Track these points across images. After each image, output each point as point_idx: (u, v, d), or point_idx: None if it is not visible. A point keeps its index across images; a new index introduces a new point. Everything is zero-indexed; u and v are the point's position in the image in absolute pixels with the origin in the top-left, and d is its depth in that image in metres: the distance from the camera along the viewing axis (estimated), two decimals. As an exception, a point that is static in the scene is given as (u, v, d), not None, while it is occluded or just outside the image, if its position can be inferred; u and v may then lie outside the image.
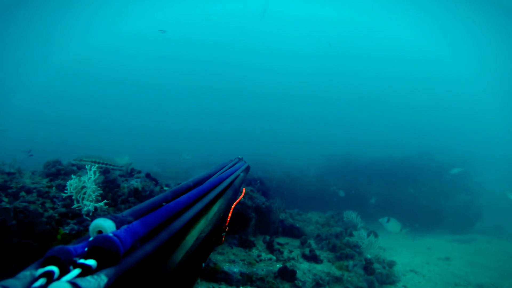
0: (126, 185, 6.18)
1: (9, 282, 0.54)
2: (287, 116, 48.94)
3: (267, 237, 7.31)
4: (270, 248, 6.99)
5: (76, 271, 0.59)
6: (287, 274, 5.83)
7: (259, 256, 6.57)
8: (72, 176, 5.17)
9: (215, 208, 1.26)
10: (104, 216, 0.74)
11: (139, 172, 7.18)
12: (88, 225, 4.37)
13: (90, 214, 5.10)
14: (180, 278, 0.92)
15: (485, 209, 15.60)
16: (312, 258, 6.86)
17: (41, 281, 0.56)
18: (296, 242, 7.85)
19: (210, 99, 54.48)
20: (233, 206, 1.70)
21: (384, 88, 54.04)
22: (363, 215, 13.95)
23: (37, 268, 0.60)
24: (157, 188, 6.48)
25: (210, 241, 1.29)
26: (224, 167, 1.94)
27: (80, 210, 5.11)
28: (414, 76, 54.64)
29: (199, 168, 19.01)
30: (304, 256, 6.96)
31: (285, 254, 6.93)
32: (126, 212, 0.81)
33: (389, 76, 55.84)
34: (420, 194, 15.67)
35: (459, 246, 11.90)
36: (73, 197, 5.13)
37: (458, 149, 27.17)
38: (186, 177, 17.34)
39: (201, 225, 1.08)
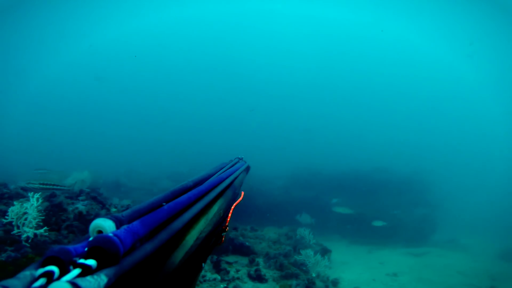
0: (71, 209, 6.29)
1: (9, 282, 0.55)
2: (256, 124, 49.78)
3: (214, 257, 7.53)
4: (217, 267, 7.19)
5: (76, 271, 0.60)
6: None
7: (203, 276, 6.76)
8: (15, 202, 5.28)
9: (215, 208, 1.30)
10: (104, 216, 0.76)
11: (88, 193, 7.29)
12: (26, 252, 4.50)
13: (29, 240, 5.20)
14: (180, 278, 0.94)
15: (441, 222, 16.17)
16: (257, 277, 7.12)
17: (41, 281, 0.57)
18: (245, 261, 8.09)
19: (172, 107, 54.67)
20: (233, 207, 1.69)
21: (352, 102, 55.45)
22: (324, 228, 14.40)
23: (37, 268, 0.61)
24: (103, 211, 6.62)
25: (210, 241, 1.32)
26: (224, 167, 1.96)
27: (19, 236, 5.21)
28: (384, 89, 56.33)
29: (165, 179, 19.05)
30: (250, 276, 7.21)
31: (231, 273, 7.14)
32: (126, 212, 0.84)
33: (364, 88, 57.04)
34: (381, 207, 16.12)
35: (411, 260, 12.39)
36: (14, 223, 5.22)
37: (419, 162, 28.30)
38: (151, 189, 17.41)
39: (201, 225, 1.11)
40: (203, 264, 1.23)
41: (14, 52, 38.50)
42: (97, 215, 6.25)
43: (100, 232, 0.73)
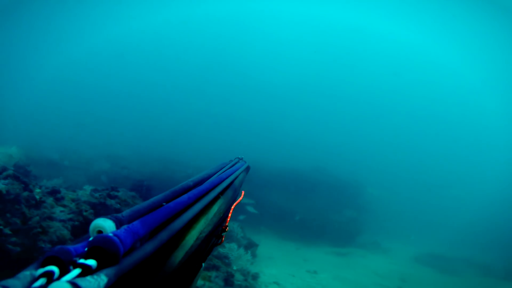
0: (-13, 188, 6.09)
1: (9, 282, 0.55)
2: (204, 117, 50.00)
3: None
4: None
5: (76, 271, 0.61)
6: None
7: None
8: None
9: (215, 208, 1.30)
10: (104, 216, 0.77)
11: (12, 170, 7.06)
12: None
13: None
14: (180, 278, 0.95)
15: (367, 225, 17.14)
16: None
17: (41, 281, 0.58)
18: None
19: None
20: (233, 207, 1.70)
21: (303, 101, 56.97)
22: (258, 223, 14.82)
23: (37, 268, 0.61)
24: (25, 194, 6.46)
25: (210, 241, 1.32)
26: (224, 167, 1.95)
27: None
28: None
29: (102, 160, 18.61)
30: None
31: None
32: (126, 212, 0.84)
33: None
34: (313, 206, 16.77)
35: (334, 259, 13.15)
36: None
37: (355, 167, 29.86)
38: (87, 168, 16.96)
39: (201, 225, 1.11)
40: (203, 264, 1.24)
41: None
42: (17, 195, 6.13)
43: (100, 232, 0.74)
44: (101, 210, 7.06)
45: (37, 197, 6.21)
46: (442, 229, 21.60)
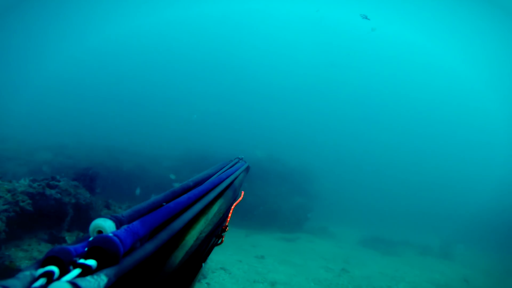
0: None
1: (9, 282, 0.55)
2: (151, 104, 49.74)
3: (81, 234, 7.55)
4: (82, 245, 7.24)
5: (76, 271, 0.61)
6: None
7: (66, 253, 6.75)
8: None
9: (215, 208, 1.30)
10: (104, 216, 0.77)
11: None
12: None
13: None
14: (180, 278, 0.95)
15: (316, 211, 17.72)
16: (124, 255, 7.32)
17: (41, 281, 0.58)
18: (115, 239, 8.20)
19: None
20: (233, 207, 1.69)
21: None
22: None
23: (37, 268, 0.62)
24: None
25: (210, 241, 1.32)
26: (224, 167, 1.96)
27: None
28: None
29: (45, 151, 17.92)
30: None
31: (98, 250, 7.24)
32: (126, 212, 0.84)
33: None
34: (264, 194, 17.08)
35: (283, 244, 13.53)
36: None
37: (306, 156, 30.70)
38: (28, 160, 16.26)
39: (201, 225, 1.12)
40: (203, 264, 1.24)
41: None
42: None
43: (100, 232, 0.75)
44: (39, 200, 6.87)
45: (-34, 188, 5.98)
46: (386, 214, 22.81)
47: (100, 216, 0.77)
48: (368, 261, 12.94)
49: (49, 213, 7.00)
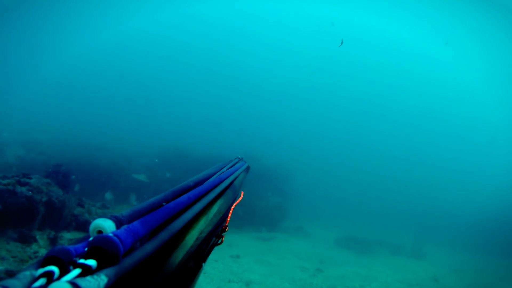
0: None
1: (9, 282, 0.54)
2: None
3: (52, 232, 7.41)
4: (53, 243, 7.09)
5: (76, 271, 0.61)
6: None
7: (36, 252, 6.62)
8: None
9: (215, 208, 1.30)
10: (104, 216, 0.77)
11: None
12: None
13: None
14: (180, 278, 0.94)
15: (291, 211, 17.88)
16: (96, 254, 7.21)
17: (41, 281, 0.58)
18: (88, 238, 8.07)
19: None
20: (233, 207, 1.69)
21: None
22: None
23: (37, 268, 0.61)
24: None
25: (210, 241, 1.32)
26: (224, 167, 1.94)
27: None
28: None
29: (18, 147, 17.51)
30: (88, 253, 7.26)
31: (70, 250, 7.10)
32: (126, 212, 0.84)
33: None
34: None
35: (259, 244, 13.60)
36: None
37: (284, 155, 30.94)
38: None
39: (201, 225, 1.11)
40: (203, 264, 1.24)
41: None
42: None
43: (100, 232, 0.74)
44: (9, 198, 6.73)
45: None
46: (361, 214, 23.21)
47: (100, 216, 0.78)
48: (342, 261, 13.18)
49: (19, 211, 6.85)
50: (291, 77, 58.89)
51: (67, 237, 7.68)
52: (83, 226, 8.47)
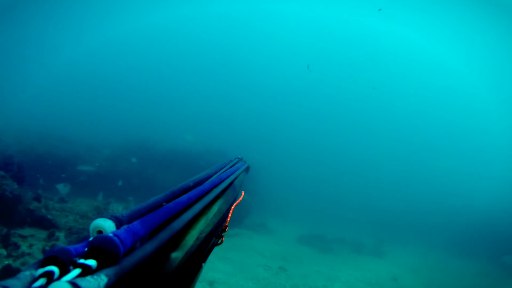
0: None
1: (9, 282, 0.54)
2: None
3: (4, 229, 7.01)
4: (5, 241, 6.72)
5: (76, 271, 0.60)
6: (10, 272, 5.77)
7: (-13, 251, 6.27)
8: None
9: (215, 208, 1.30)
10: (104, 216, 0.76)
11: None
12: None
13: None
14: (180, 278, 0.94)
15: (255, 207, 17.90)
16: (52, 253, 6.89)
17: (41, 281, 0.57)
18: (44, 235, 7.73)
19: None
20: (233, 207, 1.67)
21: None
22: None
23: (37, 268, 0.61)
24: None
25: (210, 241, 1.31)
26: (224, 167, 1.96)
27: None
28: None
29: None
30: (44, 252, 6.95)
31: (23, 248, 6.76)
32: (126, 212, 0.83)
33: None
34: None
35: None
36: None
37: (254, 152, 31.00)
38: None
39: (201, 225, 1.11)
40: (203, 264, 1.23)
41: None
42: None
43: (100, 232, 0.74)
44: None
45: None
46: (324, 212, 23.58)
47: (100, 216, 0.77)
48: (305, 259, 13.35)
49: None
50: (260, 71, 59.26)
51: (23, 233, 7.30)
52: (39, 222, 8.09)
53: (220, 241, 1.57)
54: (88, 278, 0.58)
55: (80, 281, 0.56)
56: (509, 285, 14.49)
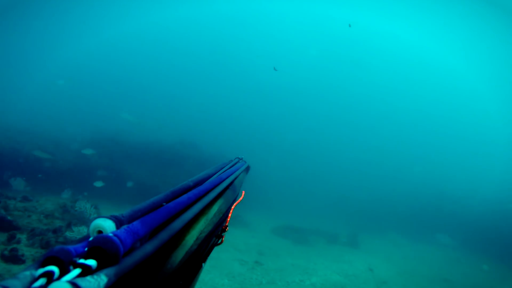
0: None
1: (9, 282, 0.52)
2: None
3: (-40, 234, 6.51)
4: (-42, 246, 6.25)
5: (76, 271, 0.59)
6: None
7: None
8: None
9: (215, 208, 1.30)
10: (104, 216, 0.75)
11: None
12: None
13: None
14: (180, 278, 0.94)
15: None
16: (11, 258, 6.48)
17: (41, 281, 0.56)
18: (3, 238, 7.26)
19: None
20: (233, 207, 1.68)
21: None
22: (119, 198, 14.09)
23: (37, 268, 0.59)
24: None
25: (210, 241, 1.31)
26: (224, 167, 1.92)
27: None
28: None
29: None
30: (3, 256, 6.51)
31: (-22, 253, 6.32)
32: (126, 212, 0.82)
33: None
34: (178, 182, 16.63)
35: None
36: None
37: (222, 142, 30.78)
38: None
39: (201, 225, 1.11)
40: (203, 264, 1.23)
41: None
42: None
43: (100, 232, 0.73)
44: None
45: None
46: (298, 203, 23.68)
47: (100, 216, 0.76)
48: (280, 252, 13.32)
49: None
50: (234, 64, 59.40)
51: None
52: (-2, 224, 7.56)
53: (220, 241, 1.65)
54: (88, 278, 0.57)
55: (80, 281, 0.55)
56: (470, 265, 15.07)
